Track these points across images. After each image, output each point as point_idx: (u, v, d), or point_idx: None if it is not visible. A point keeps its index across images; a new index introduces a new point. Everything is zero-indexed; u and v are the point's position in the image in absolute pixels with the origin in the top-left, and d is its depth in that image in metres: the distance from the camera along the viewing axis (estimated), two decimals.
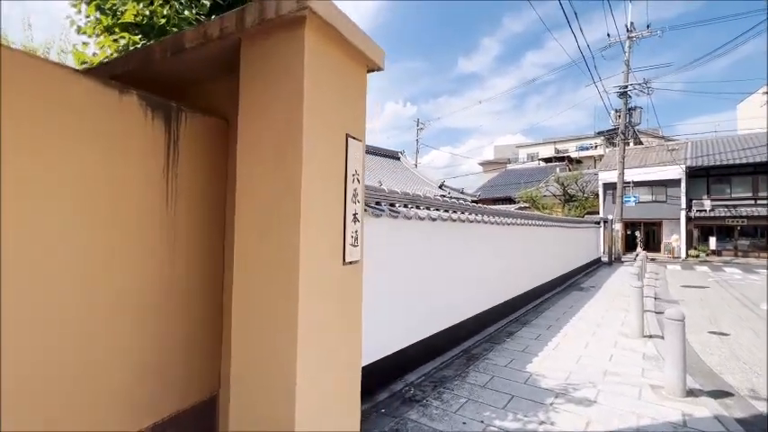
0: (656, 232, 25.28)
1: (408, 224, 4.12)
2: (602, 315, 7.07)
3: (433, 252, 4.63)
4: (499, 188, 35.07)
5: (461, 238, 5.32)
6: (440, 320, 4.76)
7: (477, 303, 5.75)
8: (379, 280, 3.65)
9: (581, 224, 14.63)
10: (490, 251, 6.30)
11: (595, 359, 4.65)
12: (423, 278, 4.39)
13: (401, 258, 4.00)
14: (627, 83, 19.95)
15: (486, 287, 6.08)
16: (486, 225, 6.02)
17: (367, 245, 3.78)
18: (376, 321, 3.60)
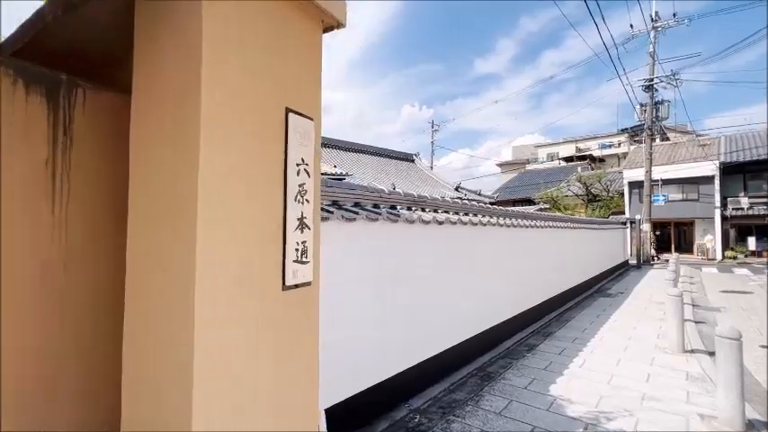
0: (686, 232, 23.88)
1: (411, 229, 3.68)
2: (633, 326, 6.40)
3: (442, 260, 4.17)
4: (518, 189, 34.06)
5: (475, 243, 4.84)
6: (450, 336, 4.28)
7: (494, 315, 5.24)
8: (376, 292, 3.23)
9: (606, 225, 13.77)
10: (509, 256, 5.78)
11: (630, 380, 4.06)
12: (431, 289, 3.94)
13: (402, 267, 3.56)
14: (653, 75, 18.89)
15: (504, 296, 5.56)
16: (503, 228, 5.51)
17: (362, 253, 3.38)
18: (371, 340, 3.17)
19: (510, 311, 5.74)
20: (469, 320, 4.66)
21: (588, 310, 7.67)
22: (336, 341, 2.84)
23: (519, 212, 6.26)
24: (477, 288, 4.84)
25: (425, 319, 3.85)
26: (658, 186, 21.49)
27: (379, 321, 3.27)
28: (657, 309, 7.71)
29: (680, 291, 5.11)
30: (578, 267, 9.66)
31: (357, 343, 3.04)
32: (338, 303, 2.87)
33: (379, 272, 3.28)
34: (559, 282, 8.10)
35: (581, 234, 10.00)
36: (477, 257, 4.90)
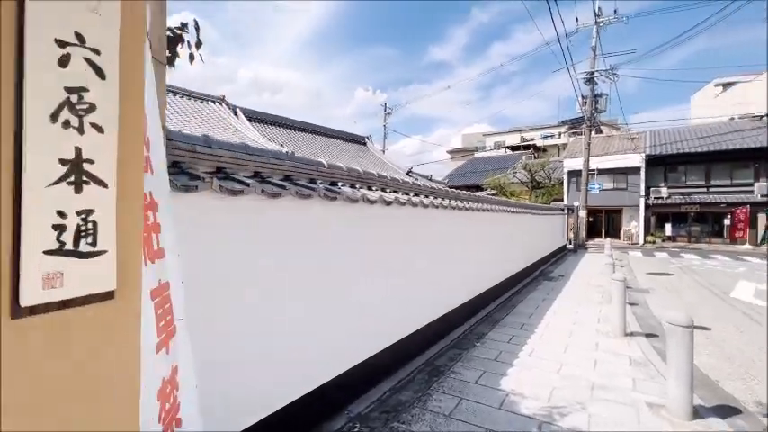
0: (615, 219, 25.86)
1: (353, 209, 3.16)
2: (576, 310, 6.50)
3: (389, 244, 3.72)
4: (467, 175, 34.80)
5: (426, 226, 4.45)
6: (399, 329, 3.88)
7: (445, 303, 4.95)
8: (309, 284, 2.69)
9: (548, 211, 14.30)
10: (460, 241, 5.50)
11: (579, 368, 3.96)
12: (375, 279, 3.48)
13: (340, 254, 3.06)
14: (594, 68, 19.80)
15: (455, 283, 5.29)
16: (455, 211, 5.19)
17: (289, 237, 2.76)
18: (305, 343, 2.65)
19: (461, 298, 5.50)
20: (419, 311, 4.31)
21: (534, 294, 7.75)
22: (259, 349, 2.28)
23: (470, 195, 6.00)
24: (426, 275, 4.49)
25: (370, 313, 3.40)
26: (594, 176, 22.89)
27: (313, 320, 2.75)
28: (596, 292, 8.00)
29: (623, 276, 5.16)
30: (525, 252, 9.81)
31: (287, 347, 2.51)
32: (258, 301, 2.31)
33: (311, 260, 2.74)
34: (507, 267, 8.10)
35: (527, 219, 10.15)
36: (427, 242, 4.53)
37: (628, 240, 23.71)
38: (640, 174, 23.33)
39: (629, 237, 23.93)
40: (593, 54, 19.90)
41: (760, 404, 3.29)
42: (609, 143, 27.47)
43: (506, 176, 24.77)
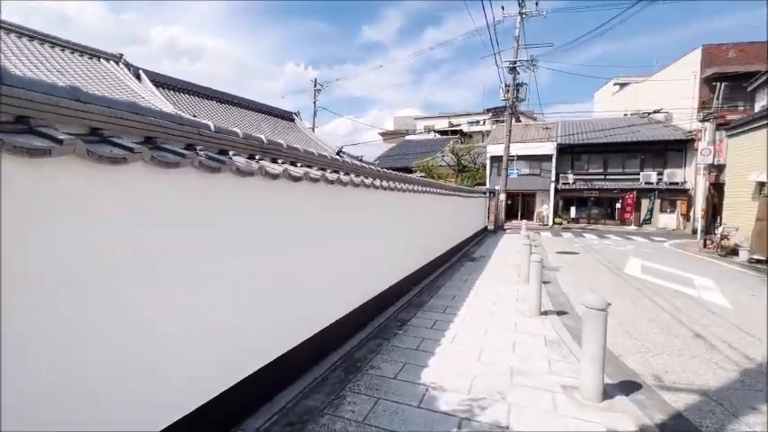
0: (529, 202, 28.07)
1: (247, 184, 2.56)
2: (496, 290, 6.64)
3: (298, 227, 3.19)
4: (398, 158, 34.97)
5: (346, 206, 3.99)
6: (312, 322, 3.42)
7: (367, 290, 4.59)
8: (184, 278, 2.08)
9: (473, 194, 14.79)
10: (386, 222, 5.15)
11: (498, 351, 3.89)
12: (280, 268, 2.94)
13: (230, 238, 2.46)
14: (516, 58, 20.74)
15: (379, 268, 4.95)
16: (379, 191, 4.79)
17: (148, 218, 1.81)
18: (186, 352, 2.05)
19: (386, 283, 5.20)
20: (337, 300, 3.88)
21: (457, 276, 7.82)
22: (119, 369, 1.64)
23: (397, 175, 5.66)
24: (347, 260, 4.06)
25: (273, 309, 2.86)
26: (513, 161, 24.41)
27: (196, 321, 2.15)
28: (514, 271, 8.35)
29: (540, 258, 5.27)
30: (451, 233, 9.93)
31: (167, 361, 1.89)
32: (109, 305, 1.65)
33: (186, 244, 2.12)
34: (434, 248, 8.05)
35: (454, 201, 10.26)
36: (347, 224, 4.09)
37: (540, 222, 25.92)
38: (552, 161, 25.46)
39: (541, 218, 26.18)
40: (516, 44, 20.81)
41: (656, 377, 3.49)
42: (526, 132, 29.49)
43: (435, 160, 25.30)
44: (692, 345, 4.30)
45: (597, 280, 7.89)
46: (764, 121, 11.55)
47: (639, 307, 5.82)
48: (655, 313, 5.49)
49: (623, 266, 9.48)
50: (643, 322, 5.08)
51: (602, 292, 6.76)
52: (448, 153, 26.05)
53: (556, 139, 26.00)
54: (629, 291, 6.92)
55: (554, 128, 28.37)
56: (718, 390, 3.25)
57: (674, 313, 5.50)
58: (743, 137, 12.90)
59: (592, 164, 26.07)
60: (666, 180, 23.38)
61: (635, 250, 12.83)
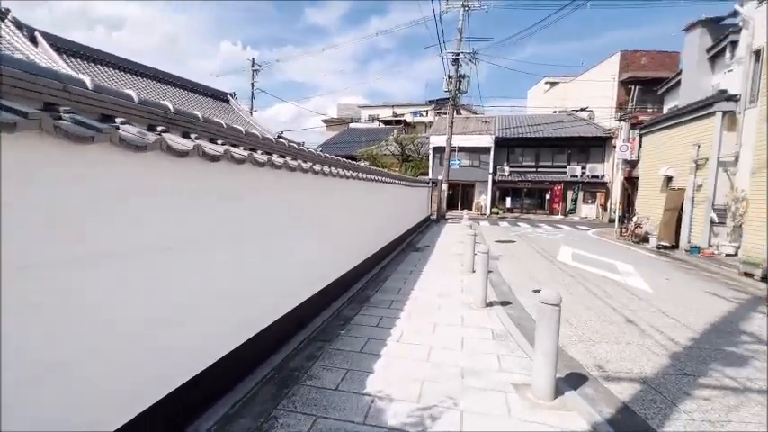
0: (469, 193, 29.11)
1: (172, 166, 1.97)
2: (441, 281, 6.52)
3: (229, 217, 2.63)
4: (342, 146, 34.16)
5: (283, 193, 3.47)
6: (242, 329, 2.89)
7: (307, 286, 4.12)
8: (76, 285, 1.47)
9: (417, 183, 14.76)
10: (329, 212, 4.69)
11: (447, 349, 3.68)
12: (204, 267, 2.38)
13: (149, 231, 1.87)
14: (459, 50, 21.02)
15: (321, 262, 4.49)
16: (320, 177, 4.31)
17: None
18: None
19: (328, 278, 4.77)
20: (271, 302, 3.37)
21: (402, 267, 7.60)
22: None
23: (339, 160, 5.20)
24: (284, 256, 3.56)
25: (194, 318, 2.31)
26: (455, 153, 25.00)
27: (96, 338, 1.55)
28: (457, 261, 8.35)
29: (486, 248, 5.18)
30: (396, 223, 9.70)
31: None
32: None
33: (102, 239, 1.51)
34: (380, 239, 7.75)
35: (399, 191, 10.03)
36: (287, 212, 3.57)
37: (478, 212, 26.99)
38: (490, 153, 26.52)
39: (480, 208, 27.29)
40: (459, 35, 21.06)
41: (599, 367, 3.51)
42: (467, 124, 30.39)
43: (379, 148, 25.03)
44: (626, 331, 4.47)
45: (535, 268, 8.16)
46: (671, 121, 12.87)
47: (576, 294, 6.04)
48: (590, 300, 5.72)
49: (556, 254, 10.01)
50: (581, 310, 5.24)
51: (540, 280, 6.97)
52: (392, 142, 25.93)
53: (494, 133, 27.09)
54: (564, 278, 7.22)
55: (492, 122, 29.56)
56: (655, 377, 3.33)
57: (606, 299, 5.78)
58: (654, 135, 14.29)
59: (525, 157, 27.59)
60: (588, 174, 25.51)
61: (564, 239, 13.72)
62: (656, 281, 7.21)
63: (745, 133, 10.22)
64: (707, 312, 5.30)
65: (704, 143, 10.93)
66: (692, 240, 11.14)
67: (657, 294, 6.17)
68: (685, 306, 5.55)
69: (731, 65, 10.98)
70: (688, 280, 7.55)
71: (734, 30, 10.86)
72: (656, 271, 8.31)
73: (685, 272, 8.54)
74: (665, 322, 4.79)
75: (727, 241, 10.43)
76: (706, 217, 10.75)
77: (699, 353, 3.88)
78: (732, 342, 4.20)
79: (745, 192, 10.12)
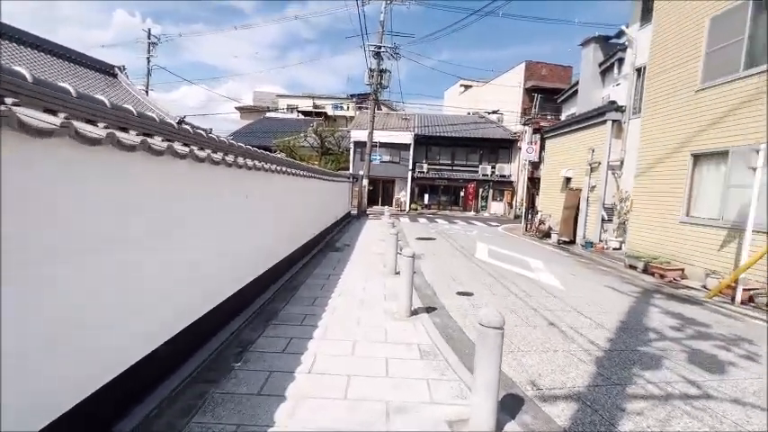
0: (389, 188, 29.24)
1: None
2: (363, 286, 5.92)
3: (90, 219, 1.61)
4: (256, 135, 31.59)
5: (166, 184, 2.45)
6: (97, 368, 1.87)
7: (193, 305, 3.13)
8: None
9: (337, 178, 13.98)
10: (228, 209, 3.70)
11: (369, 379, 3.05)
12: (54, 286, 1.35)
13: None
14: (381, 43, 20.66)
15: (217, 272, 3.51)
16: (222, 168, 3.33)
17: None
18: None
19: (225, 291, 3.79)
20: (141, 327, 2.36)
21: (319, 270, 6.82)
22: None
23: (247, 149, 4.23)
24: (167, 268, 2.55)
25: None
26: (376, 148, 24.74)
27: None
28: (379, 261, 7.85)
29: (412, 252, 4.70)
30: (314, 220, 8.84)
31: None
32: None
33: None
34: (294, 239, 6.84)
35: (319, 185, 9.17)
36: (177, 210, 2.56)
37: (398, 208, 27.21)
38: (410, 150, 26.86)
39: (399, 204, 27.54)
40: (381, 28, 20.69)
41: (533, 384, 3.22)
42: (388, 120, 30.44)
43: (297, 139, 23.57)
44: (550, 335, 4.35)
45: (456, 267, 8.05)
46: (570, 127, 14.14)
47: (498, 296, 5.94)
48: (512, 301, 5.63)
49: (474, 252, 10.15)
50: (506, 314, 5.07)
51: (463, 280, 6.80)
52: (311, 134, 24.65)
53: (414, 130, 27.49)
54: (485, 278, 7.17)
55: (412, 119, 30.03)
56: (588, 390, 3.14)
57: (527, 299, 5.76)
58: (556, 139, 15.61)
59: (443, 155, 28.55)
60: (497, 173, 27.38)
61: (479, 235, 14.24)
62: (565, 277, 7.58)
63: (629, 141, 11.55)
64: (612, 308, 5.56)
65: (597, 148, 12.13)
66: (586, 236, 12.33)
67: (569, 291, 6.39)
68: (595, 303, 5.78)
69: (618, 79, 12.33)
70: (589, 275, 8.11)
71: (621, 48, 12.17)
72: (561, 266, 8.83)
73: (584, 266, 9.25)
74: (582, 323, 4.84)
75: (614, 237, 11.73)
76: (598, 215, 11.95)
77: (618, 356, 3.87)
78: (642, 341, 4.33)
79: (629, 192, 11.46)
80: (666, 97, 9.18)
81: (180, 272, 2.99)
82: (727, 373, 3.59)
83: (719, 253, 7.45)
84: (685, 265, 8.23)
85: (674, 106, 8.90)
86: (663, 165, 9.14)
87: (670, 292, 6.93)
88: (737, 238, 7.09)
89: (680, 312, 5.56)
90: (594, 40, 13.58)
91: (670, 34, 9.21)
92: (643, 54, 11.13)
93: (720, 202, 7.58)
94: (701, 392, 3.17)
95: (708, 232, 7.75)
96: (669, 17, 9.30)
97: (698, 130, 8.19)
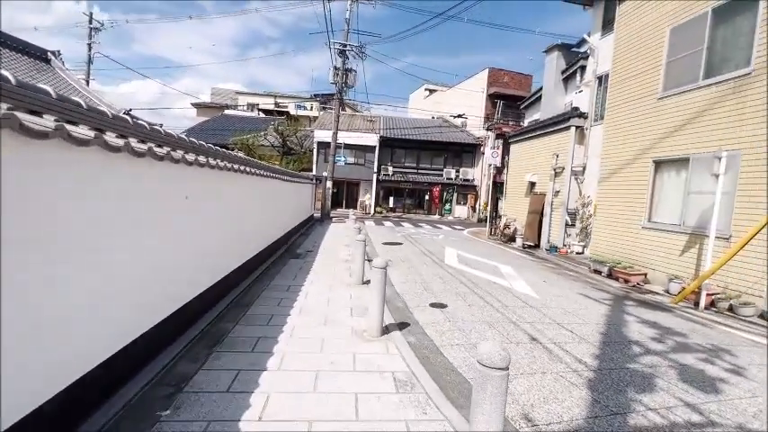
0: (354, 191, 28.61)
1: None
2: (327, 297, 5.30)
3: None
4: (214, 133, 29.74)
5: (100, 191, 1.73)
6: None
7: (113, 333, 2.39)
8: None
9: (300, 179, 13.19)
10: (166, 212, 2.96)
11: (336, 424, 2.47)
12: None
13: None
14: (347, 42, 20.06)
15: (152, 290, 2.76)
16: (162, 166, 2.60)
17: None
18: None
19: (155, 317, 3.04)
20: (43, 363, 1.63)
21: (278, 281, 6.09)
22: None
23: (191, 142, 3.49)
24: (58, 290, 1.82)
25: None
26: (341, 149, 24.06)
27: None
28: (344, 269, 7.25)
29: (384, 262, 4.17)
30: (273, 225, 8.07)
31: None
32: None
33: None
34: (248, 246, 6.07)
35: (278, 186, 8.41)
36: (105, 217, 1.83)
37: (363, 211, 26.65)
38: (375, 152, 26.41)
39: (364, 207, 26.99)
40: (346, 26, 20.10)
41: (527, 419, 2.78)
42: (353, 121, 29.84)
43: (257, 137, 22.34)
44: (535, 353, 3.98)
45: (426, 274, 7.62)
46: (535, 132, 14.30)
47: (475, 306, 5.54)
48: (489, 314, 5.25)
49: (443, 257, 9.81)
50: (486, 330, 4.66)
51: (435, 290, 6.36)
52: (272, 132, 23.51)
53: (379, 132, 27.09)
54: (457, 286, 6.78)
55: (378, 121, 29.64)
56: (589, 424, 2.75)
57: (504, 311, 5.41)
58: (521, 144, 15.77)
59: (408, 158, 28.37)
60: (461, 177, 27.60)
61: (445, 239, 14.00)
62: (537, 284, 7.38)
63: (590, 147, 11.78)
64: (590, 318, 5.35)
65: (561, 153, 12.28)
66: (551, 240, 12.43)
67: (544, 301, 6.14)
68: (572, 313, 5.55)
69: (581, 86, 12.58)
70: (559, 281, 7.98)
71: (583, 56, 12.43)
72: (531, 272, 8.68)
73: (552, 271, 9.18)
74: (564, 336, 4.53)
75: (576, 241, 11.89)
76: (562, 220, 12.08)
77: (609, 376, 3.55)
78: (629, 356, 4.07)
79: (591, 198, 11.66)
80: (629, 105, 9.36)
81: (80, 296, 2.25)
82: (721, 392, 3.37)
83: (680, 258, 7.57)
84: (648, 269, 8.34)
85: (637, 114, 9.08)
86: (626, 171, 9.29)
87: (638, 298, 6.91)
88: (698, 244, 7.22)
89: (655, 321, 5.44)
90: (557, 47, 13.84)
91: (631, 44, 9.41)
92: (605, 62, 11.39)
93: (681, 208, 7.74)
94: (704, 419, 2.88)
95: (669, 237, 7.88)
96: (630, 27, 9.51)
97: (659, 137, 8.36)
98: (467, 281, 7.22)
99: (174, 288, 3.50)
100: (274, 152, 22.83)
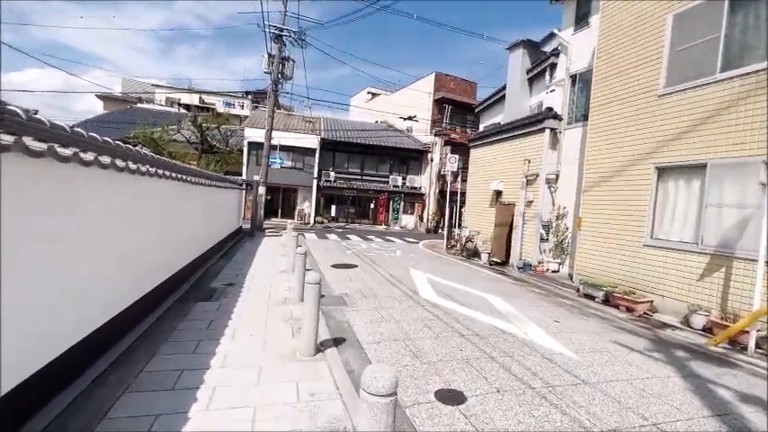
0: (291, 198, 25.59)
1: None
2: (253, 404, 2.81)
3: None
4: (118, 126, 24.55)
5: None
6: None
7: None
8: None
9: (225, 183, 10.19)
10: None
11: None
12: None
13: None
14: (284, 26, 17.35)
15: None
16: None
17: None
18: None
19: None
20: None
21: (157, 365, 3.39)
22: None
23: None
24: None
25: None
26: (276, 150, 21.06)
27: None
28: (282, 319, 4.75)
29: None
30: (176, 248, 5.24)
31: None
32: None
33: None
34: (122, 287, 3.30)
35: (190, 191, 5.60)
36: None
37: (301, 220, 23.75)
38: (316, 156, 23.77)
39: (303, 216, 24.11)
40: (284, 8, 17.40)
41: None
42: (290, 121, 26.87)
43: (167, 131, 18.37)
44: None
45: (405, 322, 5.35)
46: (500, 136, 12.96)
47: (505, 392, 3.38)
48: (535, 409, 3.15)
49: (414, 285, 7.67)
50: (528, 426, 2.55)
51: (432, 358, 4.10)
52: (188, 124, 19.66)
53: (320, 134, 24.52)
54: (458, 343, 4.62)
55: (318, 122, 27.02)
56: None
57: (551, 396, 3.34)
58: (483, 149, 14.37)
59: (351, 163, 26.13)
60: (408, 185, 26.07)
61: (404, 256, 11.97)
62: (552, 327, 5.54)
63: (564, 152, 10.62)
64: (666, 393, 3.55)
65: (534, 159, 10.98)
66: (523, 256, 11.00)
67: (589, 365, 4.16)
68: (626, 381, 3.73)
69: (552, 86, 11.46)
70: (571, 320, 6.25)
71: (554, 53, 11.32)
72: (528, 304, 6.91)
73: (545, 299, 7.54)
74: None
75: (551, 257, 10.60)
76: (536, 233, 10.71)
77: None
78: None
79: (567, 209, 10.45)
80: (619, 104, 8.17)
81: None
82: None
83: (700, 284, 6.32)
84: (654, 295, 7.04)
85: (630, 114, 7.89)
86: (618, 179, 8.04)
87: (672, 340, 5.41)
88: (724, 267, 5.99)
89: (734, 387, 3.83)
90: (523, 44, 12.72)
91: (621, 35, 8.28)
92: (580, 60, 10.32)
93: (696, 223, 6.53)
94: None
95: (683, 259, 6.62)
96: (619, 16, 8.39)
97: (662, 140, 7.17)
98: (465, 330, 5.12)
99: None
100: (190, 149, 19.03)
